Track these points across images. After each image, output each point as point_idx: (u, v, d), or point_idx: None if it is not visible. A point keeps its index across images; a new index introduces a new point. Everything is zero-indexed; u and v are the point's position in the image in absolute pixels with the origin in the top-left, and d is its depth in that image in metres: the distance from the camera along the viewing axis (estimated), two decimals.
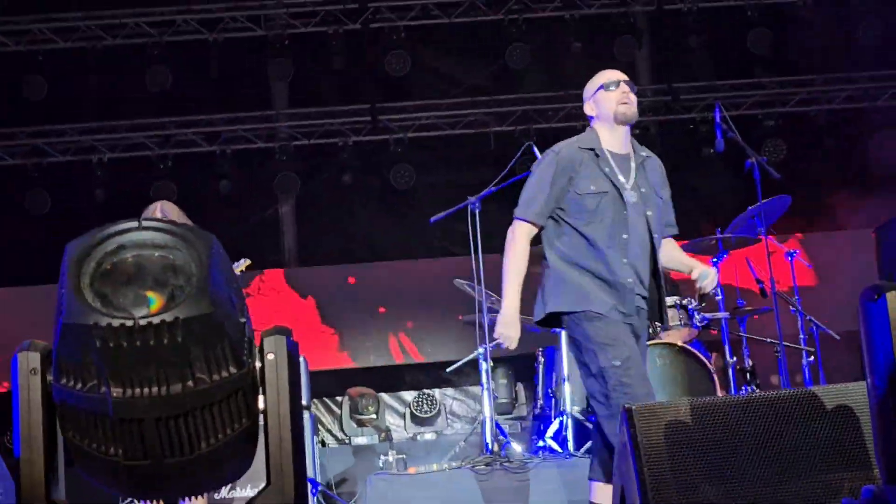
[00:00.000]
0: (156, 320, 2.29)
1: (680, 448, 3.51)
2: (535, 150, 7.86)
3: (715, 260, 7.70)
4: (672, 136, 12.26)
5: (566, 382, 7.41)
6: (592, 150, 5.21)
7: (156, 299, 2.37)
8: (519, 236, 5.24)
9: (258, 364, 2.53)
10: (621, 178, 5.19)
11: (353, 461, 9.49)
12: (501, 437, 7.52)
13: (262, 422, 2.55)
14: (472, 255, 7.72)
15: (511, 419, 9.62)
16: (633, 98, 5.29)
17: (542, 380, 7.98)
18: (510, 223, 5.20)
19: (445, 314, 10.90)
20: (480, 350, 7.53)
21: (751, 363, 7.79)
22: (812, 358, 7.82)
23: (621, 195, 5.16)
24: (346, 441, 10.79)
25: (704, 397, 3.99)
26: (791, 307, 7.96)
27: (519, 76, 12.16)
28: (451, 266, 10.11)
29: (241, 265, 6.85)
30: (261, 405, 2.53)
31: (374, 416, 10.77)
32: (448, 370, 8.59)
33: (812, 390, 3.73)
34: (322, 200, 12.42)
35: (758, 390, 7.62)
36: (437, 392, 11.19)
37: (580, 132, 5.37)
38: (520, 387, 10.75)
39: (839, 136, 12.26)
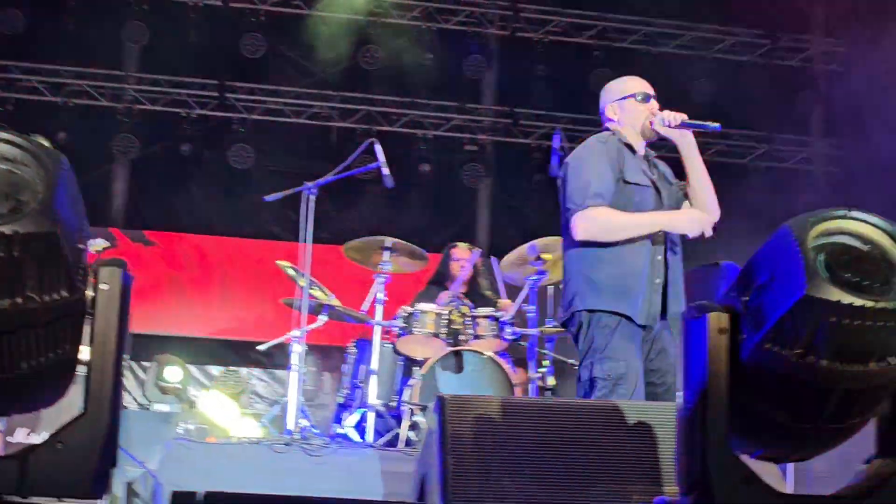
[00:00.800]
0: None
1: (486, 442, 3.52)
2: (378, 148, 7.87)
3: (535, 278, 7.77)
4: (507, 158, 12.32)
5: (373, 376, 7.40)
6: (630, 146, 5.00)
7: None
8: (601, 214, 4.75)
9: (90, 293, 2.45)
10: (653, 176, 5.02)
11: (153, 427, 9.33)
12: (304, 420, 7.47)
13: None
14: (301, 241, 7.66)
15: (314, 405, 9.55)
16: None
17: (350, 371, 7.95)
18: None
19: (264, 295, 10.81)
20: (295, 333, 7.47)
21: (553, 382, 7.87)
22: None
23: (659, 193, 5.00)
24: (147, 406, 10.59)
25: (518, 397, 3.99)
26: None
27: (369, 77, 12.12)
28: (278, 249, 10.05)
29: (98, 245, 6.52)
30: (87, 334, 2.46)
31: (178, 385, 10.59)
32: (259, 348, 8.48)
33: (615, 403, 3.80)
34: (158, 168, 12.17)
35: None
36: (243, 370, 11.10)
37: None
38: (326, 376, 10.73)
39: None
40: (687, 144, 4.96)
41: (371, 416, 7.34)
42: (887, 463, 2.70)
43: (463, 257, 8.32)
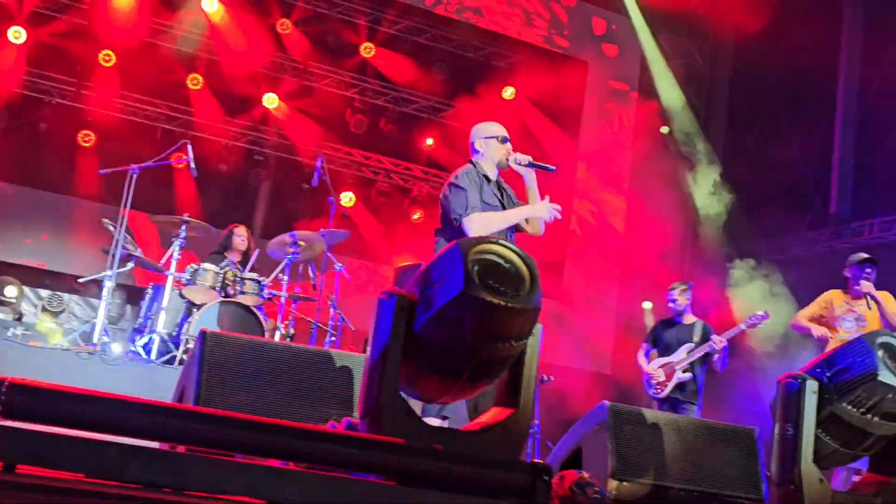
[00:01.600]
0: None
1: (231, 366, 3.53)
2: (189, 148, 7.84)
3: (290, 256, 7.84)
4: (283, 171, 12.23)
5: (163, 311, 7.32)
6: (486, 175, 5.09)
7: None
8: (480, 218, 4.85)
9: None
10: (502, 199, 5.14)
11: None
12: (106, 337, 7.28)
13: None
14: (122, 207, 7.55)
15: (115, 328, 9.25)
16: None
17: (145, 305, 7.81)
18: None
19: (90, 243, 10.42)
20: (108, 272, 7.32)
21: (293, 331, 7.96)
22: (334, 338, 8.03)
23: (505, 209, 5.10)
24: None
25: (261, 339, 3.98)
26: (329, 301, 8.16)
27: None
28: (107, 212, 9.76)
29: None
30: None
31: (13, 300, 10.11)
32: (80, 280, 8.23)
33: (328, 351, 3.85)
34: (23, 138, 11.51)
35: None
36: (66, 295, 10.63)
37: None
38: (128, 308, 10.45)
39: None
40: (530, 178, 5.15)
41: (157, 340, 7.25)
42: (501, 410, 2.83)
43: (242, 235, 8.34)
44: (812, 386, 3.02)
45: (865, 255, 6.80)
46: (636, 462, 4.09)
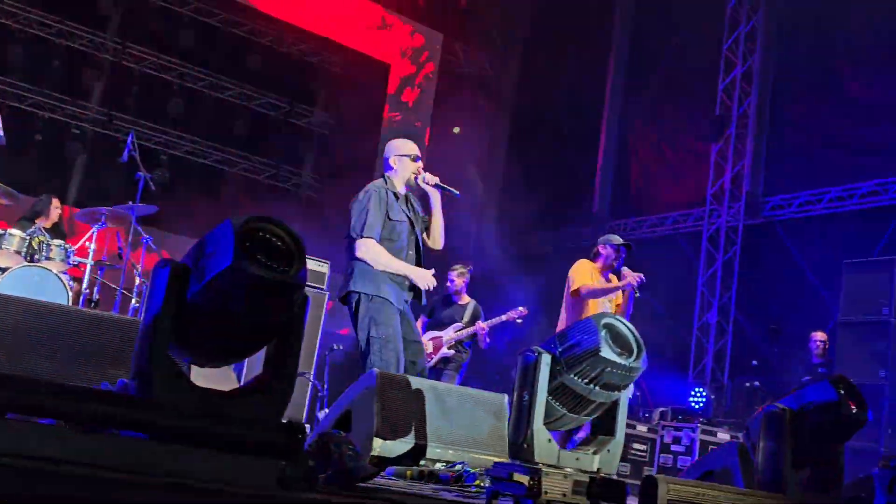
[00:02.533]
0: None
1: (16, 330, 3.32)
2: None
3: (98, 226, 7.50)
4: (101, 145, 11.67)
5: None
6: (394, 193, 5.26)
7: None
8: (374, 247, 5.08)
9: None
10: (410, 213, 5.29)
11: None
12: None
13: None
14: None
15: None
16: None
17: None
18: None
19: None
20: None
21: (98, 297, 7.63)
22: (137, 304, 7.74)
23: (413, 224, 5.30)
24: None
25: (46, 302, 3.74)
26: (135, 270, 7.88)
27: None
28: None
29: None
30: None
31: None
32: None
33: (114, 317, 3.68)
34: None
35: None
36: None
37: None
38: None
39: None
40: (435, 198, 5.40)
41: None
42: (266, 375, 2.78)
43: (52, 204, 7.98)
44: (546, 359, 3.12)
45: (622, 241, 7.09)
46: (398, 423, 4.14)
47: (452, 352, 7.82)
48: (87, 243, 7.61)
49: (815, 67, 11.75)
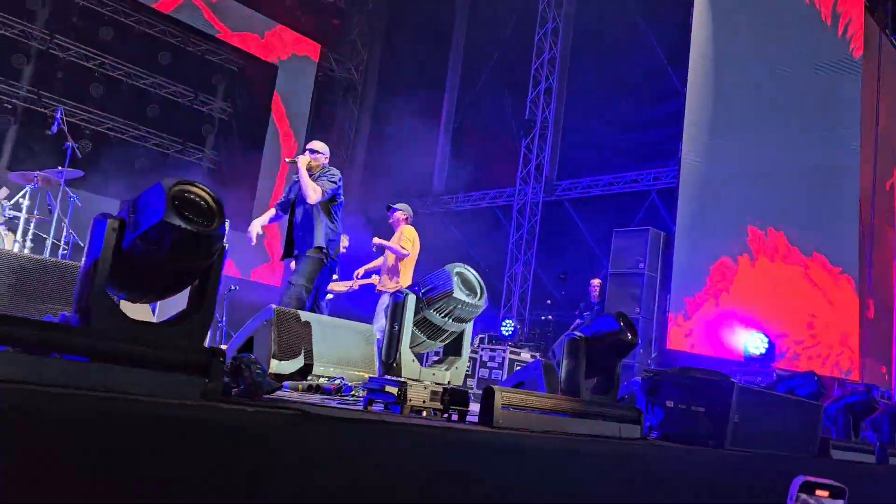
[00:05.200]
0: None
1: None
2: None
3: (31, 186, 6.79)
4: (31, 119, 10.62)
5: None
6: None
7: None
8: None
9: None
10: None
11: None
12: None
13: None
14: None
15: None
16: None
17: None
18: None
19: None
20: None
21: (32, 245, 6.94)
22: (66, 252, 7.12)
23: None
24: None
25: None
26: (63, 223, 7.22)
27: None
28: None
29: None
30: None
31: None
32: None
33: (50, 259, 3.34)
34: None
35: None
36: None
37: None
38: None
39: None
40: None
41: None
42: (189, 309, 2.59)
43: None
44: (412, 298, 3.08)
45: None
46: (290, 347, 4.00)
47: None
48: (20, 200, 6.92)
49: (595, 91, 12.22)
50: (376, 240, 7.10)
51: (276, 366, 3.87)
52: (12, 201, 6.86)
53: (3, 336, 2.06)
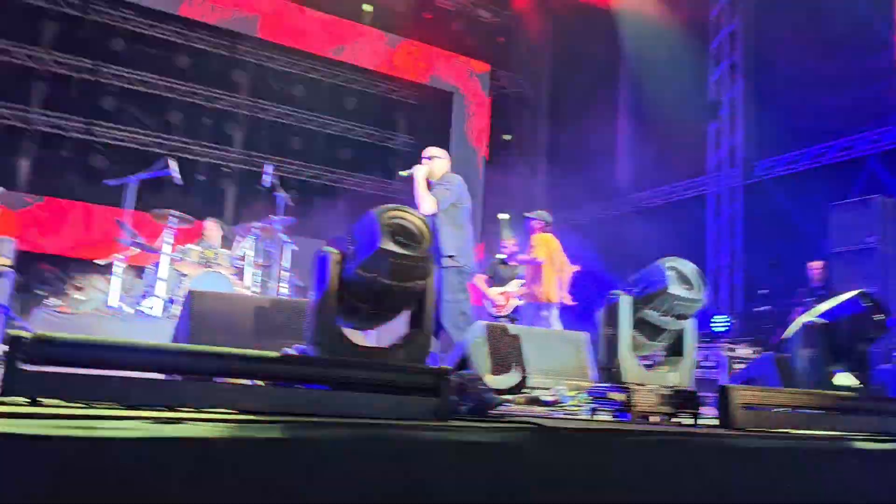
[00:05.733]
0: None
1: (212, 316, 3.26)
2: (173, 164, 7.43)
3: (253, 237, 7.47)
4: (245, 177, 11.72)
5: (161, 281, 6.90)
6: None
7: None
8: None
9: None
10: None
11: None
12: (120, 303, 6.83)
13: None
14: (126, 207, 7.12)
15: (129, 295, 8.73)
16: None
17: (149, 277, 7.37)
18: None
19: (106, 234, 9.73)
20: (118, 255, 6.85)
21: (259, 290, 7.60)
22: (287, 291, 7.71)
23: None
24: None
25: (233, 293, 3.68)
26: (282, 267, 7.84)
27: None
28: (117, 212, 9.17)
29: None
30: None
31: (50, 282, 9.43)
32: (97, 261, 7.74)
33: (281, 298, 3.60)
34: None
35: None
36: (88, 275, 9.97)
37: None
38: (137, 281, 9.86)
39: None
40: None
41: (158, 302, 6.87)
42: (410, 332, 2.65)
43: (215, 224, 8.05)
44: (627, 299, 2.93)
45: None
46: (504, 362, 3.98)
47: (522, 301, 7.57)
48: (244, 250, 7.62)
49: (788, 57, 11.19)
50: (520, 256, 7.13)
51: (491, 381, 3.86)
52: (238, 252, 7.56)
53: (254, 372, 2.22)
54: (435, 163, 5.11)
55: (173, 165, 7.42)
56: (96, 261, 7.81)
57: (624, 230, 12.31)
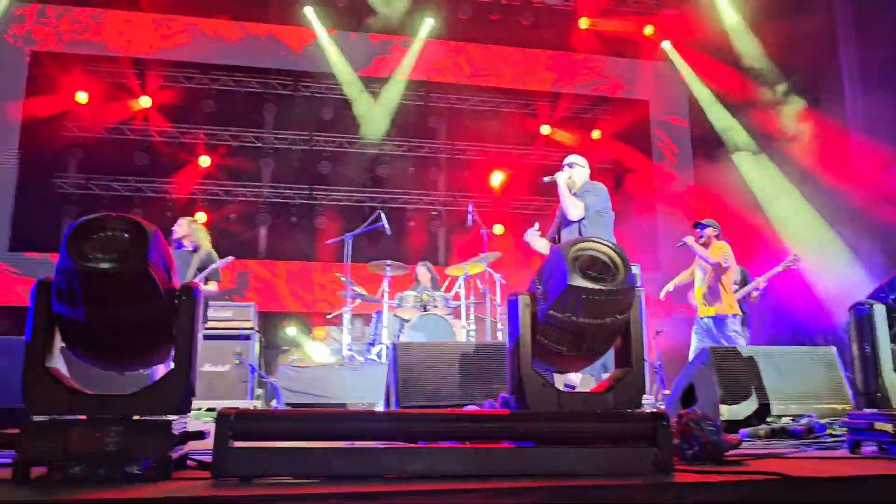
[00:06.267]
0: (111, 269, 1.89)
1: (418, 366, 3.23)
2: (383, 216, 7.76)
3: (463, 276, 7.52)
4: (449, 218, 12.02)
5: (384, 328, 7.19)
6: None
7: (115, 257, 1.96)
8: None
9: (177, 300, 2.12)
10: None
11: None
12: (350, 352, 7.21)
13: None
14: (346, 261, 7.52)
15: (358, 343, 9.22)
16: None
17: (373, 325, 7.72)
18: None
19: (329, 289, 10.40)
20: (345, 308, 7.26)
21: (474, 327, 7.66)
22: (502, 328, 7.66)
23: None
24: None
25: (438, 342, 3.67)
26: (494, 303, 7.82)
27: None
28: (339, 267, 9.76)
29: (228, 260, 6.11)
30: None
31: (294, 334, 10.28)
32: (328, 315, 8.23)
33: (485, 343, 3.50)
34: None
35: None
36: (325, 327, 10.72)
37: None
38: (365, 328, 10.41)
39: None
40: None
41: (384, 348, 7.14)
42: (620, 371, 2.40)
43: (426, 268, 8.24)
44: (880, 309, 2.43)
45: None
46: (739, 388, 3.52)
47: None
48: (457, 290, 7.73)
49: None
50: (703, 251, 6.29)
51: (726, 411, 3.43)
52: (452, 293, 7.70)
53: (452, 433, 2.10)
54: (576, 171, 4.84)
55: (383, 217, 7.78)
56: (328, 315, 8.36)
57: None
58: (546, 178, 4.93)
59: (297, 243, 11.66)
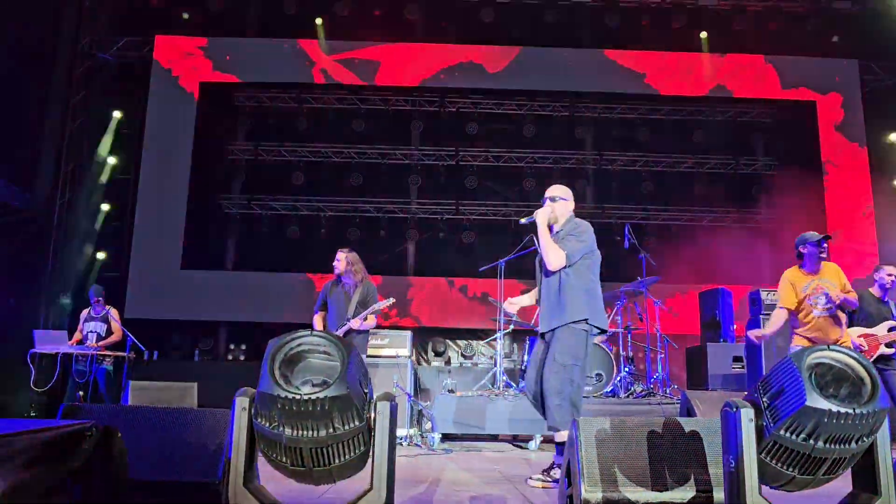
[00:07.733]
0: (313, 396, 1.81)
1: (601, 443, 2.97)
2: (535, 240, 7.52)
3: (619, 303, 7.16)
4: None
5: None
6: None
7: (317, 382, 1.88)
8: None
9: (372, 416, 2.02)
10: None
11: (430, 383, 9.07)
12: (503, 379, 7.07)
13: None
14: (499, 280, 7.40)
15: (509, 366, 9.07)
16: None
17: (525, 351, 7.53)
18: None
19: (482, 310, 10.31)
20: (498, 333, 7.14)
21: (631, 354, 7.27)
22: (662, 354, 7.23)
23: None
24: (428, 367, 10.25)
25: (620, 418, 3.38)
26: (654, 329, 7.38)
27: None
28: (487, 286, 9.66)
29: (390, 302, 5.96)
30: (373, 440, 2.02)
31: (443, 352, 10.31)
32: (484, 341, 8.13)
33: (677, 419, 3.16)
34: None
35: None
36: (475, 343, 10.65)
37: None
38: (515, 346, 10.23)
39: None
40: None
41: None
42: (857, 492, 2.05)
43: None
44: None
45: (819, 235, 5.06)
46: None
47: (891, 350, 5.78)
48: (614, 317, 7.38)
49: None
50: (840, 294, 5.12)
51: None
52: (610, 319, 7.37)
53: None
54: (559, 205, 4.15)
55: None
56: (484, 340, 8.28)
57: None
58: (522, 220, 4.25)
59: (445, 258, 11.68)
